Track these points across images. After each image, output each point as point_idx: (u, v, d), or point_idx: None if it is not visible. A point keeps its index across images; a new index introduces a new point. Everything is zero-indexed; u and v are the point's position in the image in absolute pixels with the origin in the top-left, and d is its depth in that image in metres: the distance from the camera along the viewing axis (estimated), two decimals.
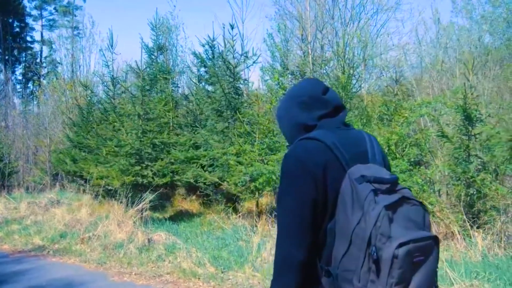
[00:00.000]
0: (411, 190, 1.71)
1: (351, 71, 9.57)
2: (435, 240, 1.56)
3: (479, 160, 6.50)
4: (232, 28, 10.65)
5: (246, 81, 10.78)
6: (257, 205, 9.02)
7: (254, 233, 7.97)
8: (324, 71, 12.15)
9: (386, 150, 7.38)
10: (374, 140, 1.89)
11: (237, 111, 10.01)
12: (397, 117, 7.92)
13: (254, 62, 10.83)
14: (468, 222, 6.30)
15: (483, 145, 6.47)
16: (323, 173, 1.68)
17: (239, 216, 9.48)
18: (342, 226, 1.61)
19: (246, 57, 10.70)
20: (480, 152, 6.53)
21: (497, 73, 9.69)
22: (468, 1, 14.90)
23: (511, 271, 5.21)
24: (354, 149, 1.77)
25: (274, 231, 7.50)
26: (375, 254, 1.49)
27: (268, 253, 6.71)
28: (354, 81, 9.79)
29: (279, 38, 13.72)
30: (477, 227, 6.33)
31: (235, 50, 10.67)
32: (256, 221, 8.26)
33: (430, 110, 7.53)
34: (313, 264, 1.70)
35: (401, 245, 1.46)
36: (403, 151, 7.76)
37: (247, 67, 10.89)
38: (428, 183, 7.00)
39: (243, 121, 9.22)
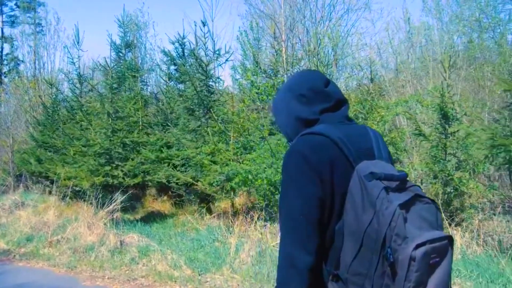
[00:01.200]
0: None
1: (324, 70, 9.51)
2: (450, 240, 1.47)
3: (455, 158, 6.54)
4: (204, 25, 10.47)
5: (218, 79, 10.60)
6: (232, 205, 8.87)
7: (230, 233, 7.82)
8: (297, 69, 12.11)
9: None
10: (378, 135, 1.78)
11: (210, 109, 9.84)
12: (373, 116, 7.92)
13: (227, 60, 10.67)
14: (446, 220, 6.33)
15: (459, 144, 6.52)
16: (330, 170, 1.57)
17: (213, 217, 9.32)
18: (351, 226, 1.50)
19: (219, 54, 10.52)
20: (457, 150, 6.58)
21: (469, 73, 9.84)
22: (438, 1, 15.18)
23: (491, 269, 5.25)
24: (359, 144, 1.66)
25: (251, 231, 7.38)
26: (391, 256, 1.39)
27: (247, 254, 6.58)
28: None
29: (251, 36, 13.60)
30: (455, 225, 6.37)
31: (207, 47, 10.49)
32: (232, 222, 8.10)
33: (405, 109, 7.56)
34: (319, 268, 1.58)
35: (418, 246, 1.37)
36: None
37: (220, 65, 10.73)
38: None
39: (217, 119, 9.05)
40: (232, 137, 8.75)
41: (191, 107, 10.36)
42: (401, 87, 10.75)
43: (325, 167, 1.57)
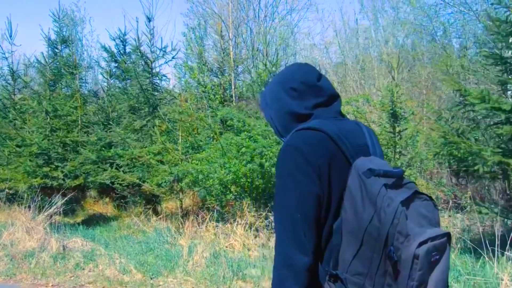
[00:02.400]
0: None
1: (273, 68, 9.52)
2: (448, 237, 1.46)
3: (404, 156, 6.72)
4: (150, 21, 10.17)
5: (164, 77, 10.34)
6: (181, 206, 8.65)
7: (180, 235, 7.62)
8: (244, 67, 12.09)
9: None
10: (371, 131, 1.75)
11: (156, 108, 9.56)
12: None
13: (173, 57, 10.42)
14: None
15: (408, 142, 6.70)
16: (328, 166, 1.51)
17: (160, 218, 9.06)
18: (351, 224, 1.45)
19: (165, 52, 10.25)
20: (406, 149, 6.76)
21: (411, 73, 10.20)
22: (375, 4, 15.67)
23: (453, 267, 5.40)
24: (355, 140, 1.62)
25: (203, 232, 7.23)
26: (394, 255, 1.35)
27: (200, 256, 6.41)
28: None
29: (198, 34, 13.38)
30: None
31: (153, 44, 10.19)
32: (181, 223, 7.90)
33: (354, 108, 7.68)
34: (316, 268, 1.52)
35: (420, 244, 1.35)
36: None
37: (166, 62, 10.45)
38: None
39: (165, 118, 8.80)
40: (180, 137, 8.54)
41: (136, 105, 10.02)
42: (349, 87, 10.97)
43: (323, 164, 1.51)
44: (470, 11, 10.21)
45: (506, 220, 6.45)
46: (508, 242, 4.89)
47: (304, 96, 1.71)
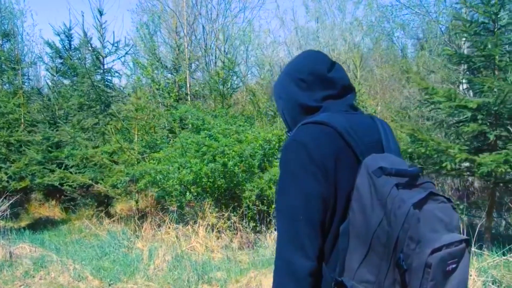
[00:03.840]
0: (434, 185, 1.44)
1: (232, 66, 9.34)
2: (467, 243, 1.34)
3: None
4: (101, 15, 9.71)
5: (117, 73, 9.90)
6: (137, 208, 8.29)
7: (138, 238, 7.29)
8: (198, 65, 11.84)
9: (277, 146, 7.30)
10: (386, 126, 1.61)
11: (109, 105, 9.14)
12: None
13: (126, 53, 10.01)
14: None
15: None
16: (334, 164, 1.38)
17: (114, 221, 8.66)
18: (358, 227, 1.32)
19: (117, 47, 9.82)
20: None
21: (367, 74, 10.32)
22: (320, 6, 15.86)
23: None
24: (367, 136, 1.48)
25: (163, 235, 6.94)
26: (403, 263, 1.23)
27: (161, 260, 6.14)
28: (234, 77, 9.61)
29: (148, 30, 12.96)
30: None
31: (104, 38, 9.75)
32: (138, 225, 7.56)
33: None
34: (319, 273, 1.39)
35: (434, 251, 1.22)
36: None
37: (119, 58, 10.03)
38: None
39: (119, 116, 8.41)
40: (136, 135, 8.18)
41: (87, 103, 9.53)
42: None
43: (329, 161, 1.38)
44: (426, 12, 10.52)
45: (463, 216, 6.59)
46: (473, 238, 4.96)
47: (313, 87, 1.58)
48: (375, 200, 1.29)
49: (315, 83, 1.57)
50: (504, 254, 4.79)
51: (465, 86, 7.46)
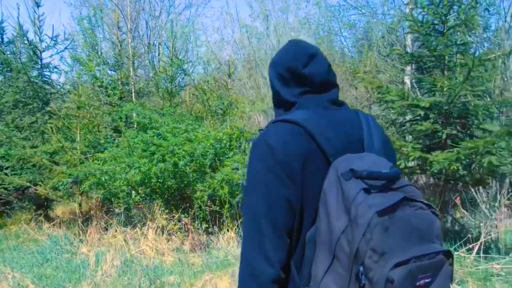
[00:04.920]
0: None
1: (180, 64, 9.11)
2: (447, 255, 1.22)
3: None
4: (38, 6, 9.17)
5: (56, 69, 9.38)
6: (81, 211, 7.87)
7: (82, 242, 6.93)
8: (143, 62, 11.49)
9: (228, 145, 7.18)
10: (372, 122, 1.50)
11: (47, 102, 8.63)
12: (233, 112, 7.80)
13: (66, 48, 9.51)
14: None
15: None
16: (301, 166, 1.30)
17: (54, 225, 8.20)
18: (323, 235, 1.23)
19: (56, 41, 9.31)
20: None
21: None
22: (264, 6, 15.90)
23: None
24: (345, 135, 1.38)
25: (111, 238, 6.63)
26: (362, 276, 1.13)
27: (110, 265, 5.85)
28: (182, 75, 9.38)
29: (90, 24, 12.41)
30: None
31: (42, 32, 9.20)
32: (82, 229, 7.18)
33: (264, 105, 7.58)
34: (285, 280, 1.32)
35: (398, 265, 1.11)
36: (240, 146, 7.64)
37: (58, 53, 9.49)
38: None
39: (60, 115, 7.95)
40: (78, 134, 7.78)
41: (23, 100, 8.95)
42: (258, 85, 10.90)
43: (296, 163, 1.30)
44: (373, 13, 10.75)
45: None
46: None
47: (290, 83, 1.52)
48: (341, 205, 1.19)
49: (292, 79, 1.50)
50: (456, 250, 4.94)
51: (410, 85, 7.69)
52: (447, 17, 5.39)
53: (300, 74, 1.48)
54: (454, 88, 4.95)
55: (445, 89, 5.13)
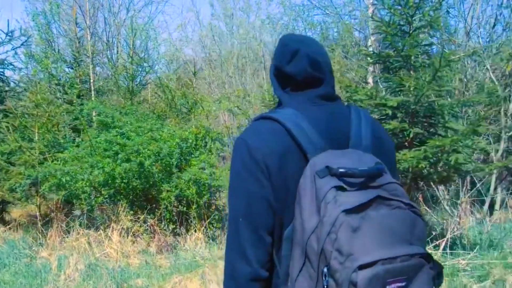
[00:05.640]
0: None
1: (141, 62, 8.93)
2: (427, 258, 1.14)
3: None
4: None
5: (11, 66, 8.97)
6: (40, 213, 7.56)
7: (42, 246, 6.66)
8: (101, 60, 11.20)
9: (193, 144, 7.08)
10: (364, 117, 1.43)
11: (3, 101, 8.26)
12: (198, 111, 7.70)
13: (23, 44, 9.12)
14: None
15: None
16: (278, 164, 1.27)
17: (10, 228, 7.86)
18: (298, 234, 1.20)
19: (11, 37, 8.91)
20: None
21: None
22: (225, 5, 15.87)
23: None
24: (328, 131, 1.33)
25: (73, 241, 6.40)
26: (325, 277, 1.09)
27: (73, 269, 5.64)
28: (143, 73, 9.19)
29: (46, 19, 11.95)
30: None
31: None
32: (42, 232, 6.91)
33: (233, 104, 7.53)
34: (267, 280, 1.30)
35: (362, 267, 1.05)
36: (205, 145, 7.55)
37: (14, 49, 9.06)
38: None
39: (17, 113, 7.62)
40: (36, 134, 7.47)
41: None
42: (223, 83, 10.81)
43: (273, 161, 1.27)
44: (337, 14, 10.85)
45: None
46: None
47: (279, 81, 1.48)
48: (314, 204, 1.16)
49: (280, 78, 1.47)
50: None
51: (372, 85, 7.82)
52: (413, 18, 5.49)
53: (285, 72, 1.45)
54: (421, 88, 5.05)
55: (412, 89, 5.22)
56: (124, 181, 6.60)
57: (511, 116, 7.22)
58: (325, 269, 1.08)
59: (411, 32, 5.56)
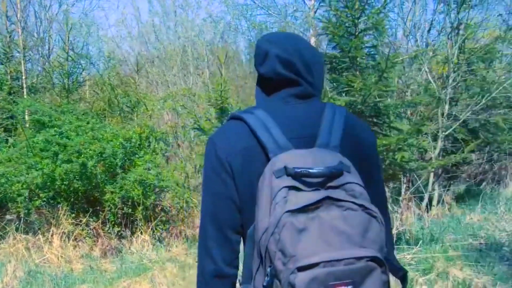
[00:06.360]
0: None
1: (75, 58, 8.57)
2: (379, 262, 1.09)
3: None
4: None
5: None
6: None
7: None
8: (34, 56, 10.63)
9: (137, 144, 6.88)
10: (338, 114, 1.38)
11: None
12: (141, 110, 7.51)
13: None
14: None
15: None
16: (242, 164, 1.29)
17: None
18: (256, 233, 1.20)
19: None
20: None
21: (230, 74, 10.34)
22: (164, 3, 15.62)
23: None
24: (294, 130, 1.32)
25: (9, 247, 6.02)
26: (267, 277, 1.09)
27: (12, 277, 5.30)
28: (80, 70, 8.81)
29: None
30: None
31: None
32: None
33: (177, 103, 7.39)
34: (232, 278, 1.35)
35: (301, 269, 1.04)
36: (149, 145, 7.37)
37: None
38: (186, 178, 6.84)
39: None
40: None
41: None
42: (166, 82, 10.56)
43: (236, 161, 1.29)
44: (280, 14, 10.94)
45: None
46: None
47: (258, 83, 1.51)
48: (268, 203, 1.15)
49: (258, 79, 1.50)
50: None
51: None
52: (359, 20, 5.64)
53: (260, 74, 1.46)
54: (368, 88, 5.20)
55: (358, 89, 5.36)
56: (64, 182, 6.29)
57: (447, 116, 7.62)
58: (269, 269, 1.08)
59: (357, 33, 5.71)
